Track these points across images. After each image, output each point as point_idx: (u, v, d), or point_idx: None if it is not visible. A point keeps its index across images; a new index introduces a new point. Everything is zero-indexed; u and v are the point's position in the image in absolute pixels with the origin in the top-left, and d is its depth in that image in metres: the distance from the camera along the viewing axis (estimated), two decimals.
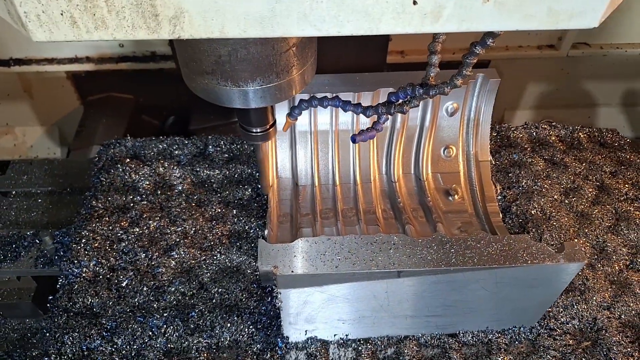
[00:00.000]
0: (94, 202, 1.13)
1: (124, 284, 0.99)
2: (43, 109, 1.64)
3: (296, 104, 0.80)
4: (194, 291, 0.98)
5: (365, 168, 1.11)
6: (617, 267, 1.03)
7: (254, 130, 0.79)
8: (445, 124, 1.10)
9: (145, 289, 0.98)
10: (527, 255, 0.76)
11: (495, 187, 1.13)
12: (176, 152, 1.24)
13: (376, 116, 0.75)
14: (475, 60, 0.65)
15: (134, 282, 0.99)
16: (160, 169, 1.19)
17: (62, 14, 0.43)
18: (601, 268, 1.02)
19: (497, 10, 0.46)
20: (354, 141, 0.76)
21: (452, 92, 0.87)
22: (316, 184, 1.09)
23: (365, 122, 1.06)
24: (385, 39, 1.40)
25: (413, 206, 1.07)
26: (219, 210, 1.11)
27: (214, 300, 0.97)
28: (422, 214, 1.06)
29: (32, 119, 1.66)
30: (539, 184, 1.16)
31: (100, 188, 1.16)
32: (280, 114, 0.88)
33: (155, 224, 1.08)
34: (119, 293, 0.98)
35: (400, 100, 0.72)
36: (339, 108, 0.76)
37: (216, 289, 0.98)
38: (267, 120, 0.79)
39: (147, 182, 1.17)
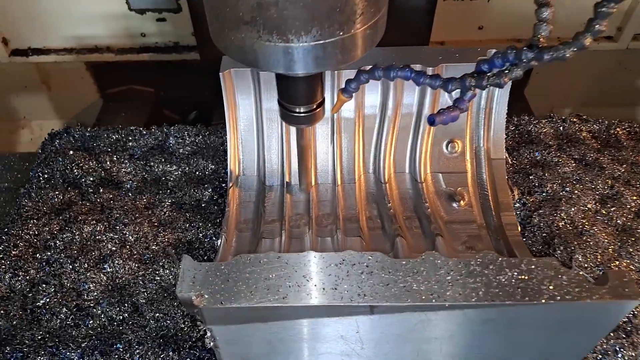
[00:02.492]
0: (25, 200, 0.94)
1: (40, 303, 0.79)
2: (61, 102, 1.58)
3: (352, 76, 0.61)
4: (125, 315, 0.78)
5: (348, 165, 0.89)
6: None
7: (297, 110, 0.63)
8: None
9: (64, 310, 0.78)
10: (555, 288, 0.54)
11: (512, 191, 0.91)
12: (130, 143, 1.05)
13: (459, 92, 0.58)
14: (614, 11, 0.46)
15: (52, 301, 0.80)
16: (108, 163, 1.00)
17: None
18: None
19: None
20: (432, 123, 0.57)
21: (458, 72, 0.66)
22: (285, 184, 0.88)
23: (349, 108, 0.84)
24: (428, 27, 1.25)
25: (407, 214, 0.86)
26: (169, 213, 0.91)
27: (147, 329, 0.76)
28: (418, 224, 0.84)
29: (49, 112, 1.60)
30: (567, 189, 0.93)
31: (37, 184, 0.98)
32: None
33: (89, 228, 0.88)
34: (33, 315, 0.79)
35: (496, 70, 0.54)
36: (410, 80, 0.58)
37: (152, 314, 0.77)
38: (315, 97, 0.62)
39: (91, 179, 0.98)
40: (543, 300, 0.52)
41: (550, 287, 0.54)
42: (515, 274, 0.55)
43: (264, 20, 0.46)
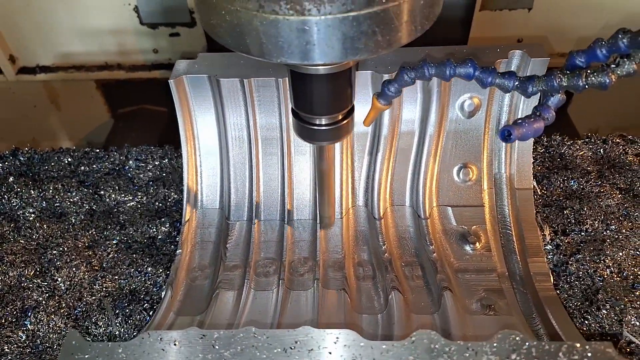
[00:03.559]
0: None
1: None
2: (71, 122, 1.54)
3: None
4: None
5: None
6: None
7: (317, 122, 0.48)
8: (461, 129, 0.70)
9: None
10: None
11: (542, 230, 0.71)
12: (82, 168, 0.89)
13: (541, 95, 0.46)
14: None
15: None
16: (51, 191, 0.84)
17: None
18: None
19: None
20: (507, 138, 0.43)
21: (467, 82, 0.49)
22: (254, 219, 0.71)
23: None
24: (464, 39, 1.16)
25: (406, 259, 0.67)
26: (114, 254, 0.74)
27: None
28: (420, 274, 0.66)
29: (59, 133, 1.54)
30: (613, 227, 0.74)
31: None
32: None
33: (15, 272, 0.72)
34: None
35: (601, 63, 0.42)
36: (474, 80, 0.46)
37: None
38: (342, 103, 0.47)
39: (31, 210, 0.83)
40: None
41: None
42: None
43: None
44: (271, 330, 0.40)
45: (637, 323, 0.63)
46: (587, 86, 0.42)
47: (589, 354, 0.37)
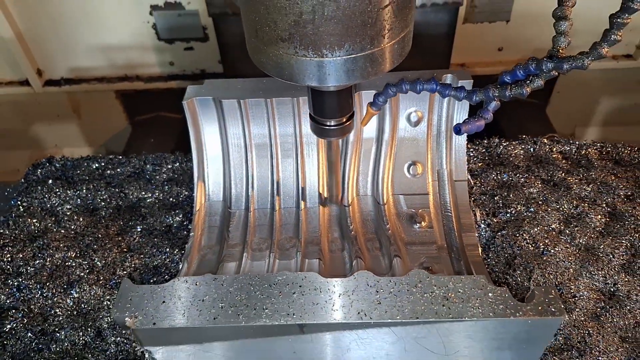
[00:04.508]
0: (2, 229, 0.98)
1: (7, 328, 0.82)
2: (91, 129, 1.62)
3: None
4: (88, 339, 0.80)
5: (312, 189, 0.91)
6: (632, 319, 0.78)
7: (328, 123, 0.67)
8: (409, 135, 0.90)
9: (29, 334, 0.81)
10: (480, 306, 0.54)
11: (474, 213, 0.91)
12: (108, 172, 1.08)
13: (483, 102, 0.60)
14: (628, 21, 0.49)
15: (19, 326, 0.82)
16: (84, 191, 1.03)
17: None
18: (610, 320, 0.78)
19: None
20: (458, 132, 0.59)
21: (413, 97, 0.68)
22: (250, 208, 0.90)
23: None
24: (448, 50, 1.30)
25: (368, 236, 0.87)
26: (139, 239, 0.94)
27: (107, 353, 0.78)
28: (378, 246, 0.85)
29: (80, 140, 1.63)
30: (532, 209, 0.93)
31: (17, 213, 1.01)
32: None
33: (61, 255, 0.91)
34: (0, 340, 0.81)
35: (519, 80, 0.57)
36: (436, 93, 0.61)
37: (114, 339, 0.79)
38: (346, 109, 0.66)
39: (68, 206, 1.02)
40: (466, 318, 0.53)
41: (476, 305, 0.54)
42: (443, 291, 0.56)
43: (300, 37, 0.49)
44: (262, 274, 0.59)
45: (540, 278, 0.82)
46: (511, 95, 0.57)
47: (470, 281, 0.57)
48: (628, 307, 0.80)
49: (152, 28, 1.36)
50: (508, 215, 0.93)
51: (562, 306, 0.54)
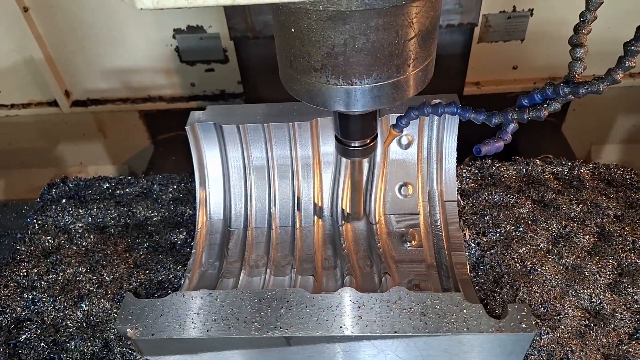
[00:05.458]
0: (19, 245, 1.04)
1: (22, 339, 0.87)
2: (115, 148, 1.70)
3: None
4: (96, 349, 0.85)
5: (307, 209, 0.96)
6: (615, 337, 0.81)
7: (353, 144, 0.70)
8: (400, 158, 0.94)
9: (42, 344, 0.86)
10: (455, 321, 0.58)
11: (464, 232, 0.95)
12: (118, 192, 1.15)
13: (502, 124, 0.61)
14: None
15: (33, 337, 0.87)
16: (95, 210, 1.09)
17: None
18: (593, 337, 0.80)
19: None
20: (478, 152, 0.62)
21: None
22: (249, 226, 0.95)
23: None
24: (463, 69, 1.32)
25: (360, 254, 0.91)
26: (145, 255, 0.99)
27: None
28: (369, 263, 0.89)
29: (104, 158, 1.72)
30: (521, 229, 0.97)
31: (32, 230, 1.08)
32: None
33: (72, 270, 0.96)
34: (15, 349, 0.86)
35: (537, 103, 0.59)
36: (456, 115, 0.63)
37: (120, 349, 0.84)
38: (370, 131, 0.70)
39: (80, 224, 1.08)
40: (440, 333, 0.56)
41: (452, 320, 0.58)
42: (420, 308, 0.59)
43: (332, 67, 0.53)
44: (252, 290, 0.64)
45: (525, 296, 0.85)
46: (529, 118, 0.58)
47: (447, 298, 0.61)
48: (612, 325, 0.82)
49: (174, 51, 1.42)
50: (497, 234, 0.96)
51: (533, 322, 0.57)
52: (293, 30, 0.51)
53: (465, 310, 0.59)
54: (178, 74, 1.47)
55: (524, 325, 0.57)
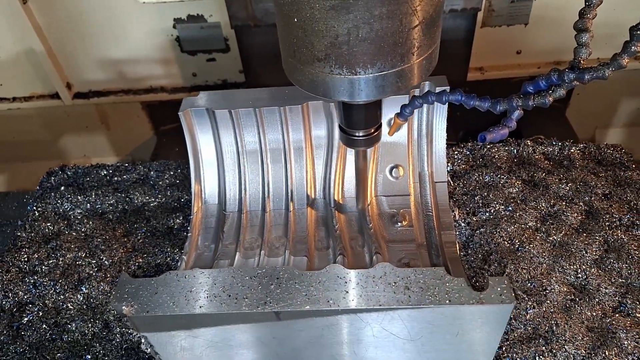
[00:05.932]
0: (20, 232, 1.07)
1: (25, 321, 0.90)
2: (118, 139, 1.71)
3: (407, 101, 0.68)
4: (96, 330, 0.88)
5: (300, 192, 0.98)
6: (599, 311, 0.83)
7: (357, 134, 0.70)
8: (390, 140, 0.95)
9: (44, 326, 0.89)
10: (438, 295, 0.60)
11: (454, 212, 0.97)
12: (116, 178, 1.17)
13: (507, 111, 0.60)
14: None
15: (35, 319, 0.90)
16: (94, 196, 1.11)
17: None
18: (578, 311, 0.83)
19: None
20: (483, 140, 0.61)
21: (393, 104, 0.72)
22: (243, 210, 0.97)
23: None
24: (466, 55, 1.31)
25: (352, 235, 0.93)
26: (143, 240, 1.01)
27: (114, 342, 0.85)
28: (361, 243, 0.91)
29: (107, 150, 1.74)
30: (510, 208, 0.98)
31: (32, 217, 1.10)
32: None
33: (72, 255, 0.99)
34: (18, 331, 0.89)
35: (542, 90, 0.58)
36: (461, 103, 0.62)
37: (119, 329, 0.87)
38: (374, 121, 0.70)
39: (79, 211, 1.10)
40: (422, 305, 0.59)
41: (434, 293, 0.60)
42: (405, 282, 0.62)
43: (335, 57, 0.52)
44: (243, 268, 0.66)
45: (513, 272, 0.87)
46: (534, 105, 0.58)
47: (430, 272, 0.63)
48: (597, 300, 0.84)
49: (175, 41, 1.42)
50: (487, 214, 0.98)
51: (513, 295, 0.59)
52: (296, 20, 0.51)
53: (447, 284, 0.61)
54: (179, 64, 1.47)
55: (503, 297, 0.59)
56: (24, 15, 1.38)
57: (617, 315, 0.82)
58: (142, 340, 0.67)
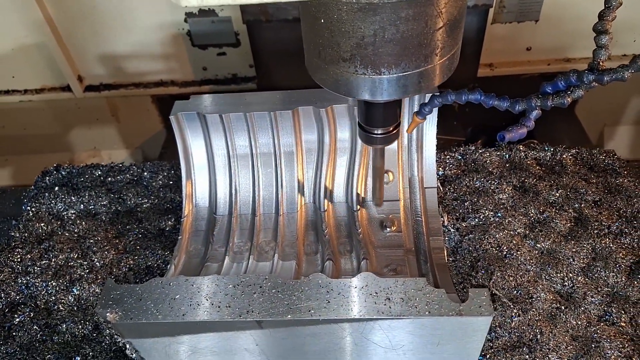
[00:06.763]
0: (13, 232, 1.08)
1: (16, 322, 0.91)
2: (128, 132, 1.71)
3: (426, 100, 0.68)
4: (86, 332, 0.89)
5: (291, 195, 0.98)
6: (584, 319, 0.83)
7: (376, 132, 0.71)
8: None
9: (35, 327, 0.90)
10: (417, 305, 0.61)
11: (443, 217, 0.97)
12: (109, 179, 1.17)
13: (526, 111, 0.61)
14: None
15: (26, 320, 0.91)
16: (87, 197, 1.12)
17: None
18: (563, 319, 0.83)
19: None
20: (502, 139, 0.62)
21: None
22: (234, 213, 0.98)
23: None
24: (477, 51, 1.31)
25: (341, 240, 0.94)
26: (135, 241, 1.02)
27: (103, 344, 0.86)
28: (350, 249, 0.92)
29: (117, 142, 1.74)
30: (500, 214, 0.99)
31: (26, 217, 1.11)
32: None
33: (64, 256, 1.00)
34: (9, 332, 0.90)
35: (560, 90, 0.59)
36: (480, 103, 0.62)
37: (109, 332, 0.87)
38: (394, 119, 0.70)
39: (72, 211, 1.11)
40: (402, 316, 0.59)
41: (415, 304, 0.61)
42: (386, 292, 0.62)
43: (361, 57, 0.53)
44: (227, 277, 0.67)
45: (499, 280, 0.88)
46: (553, 105, 0.58)
47: (411, 283, 0.63)
48: (582, 308, 0.85)
49: (186, 35, 1.41)
50: (476, 220, 0.99)
51: (492, 307, 0.60)
52: (323, 20, 0.52)
53: (428, 295, 0.61)
54: (190, 58, 1.47)
55: (482, 310, 0.59)
56: (36, 7, 1.38)
57: (602, 324, 0.83)
58: (127, 346, 0.67)
